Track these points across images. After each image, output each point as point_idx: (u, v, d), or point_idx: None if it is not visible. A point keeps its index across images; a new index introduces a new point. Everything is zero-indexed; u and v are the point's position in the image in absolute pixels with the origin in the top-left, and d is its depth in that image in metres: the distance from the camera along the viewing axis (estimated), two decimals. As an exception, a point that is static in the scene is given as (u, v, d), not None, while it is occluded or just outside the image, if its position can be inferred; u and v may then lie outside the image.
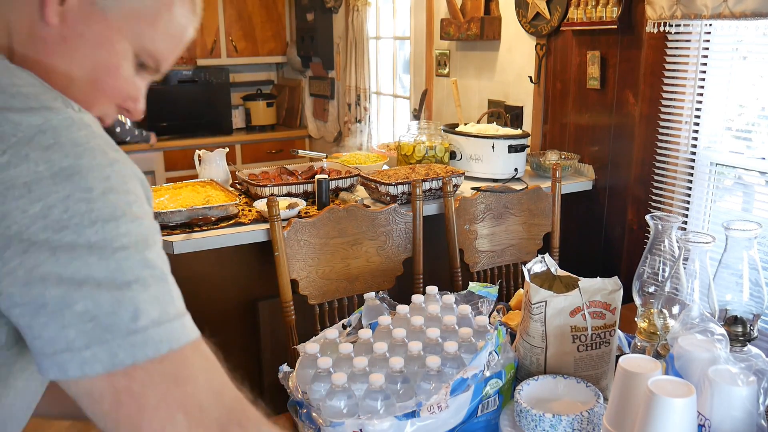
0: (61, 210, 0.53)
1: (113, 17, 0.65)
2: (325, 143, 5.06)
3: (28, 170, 0.52)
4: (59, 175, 0.53)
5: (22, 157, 0.53)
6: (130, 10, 0.66)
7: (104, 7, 0.65)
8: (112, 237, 0.54)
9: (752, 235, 1.09)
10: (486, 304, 1.32)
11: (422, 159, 2.61)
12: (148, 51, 0.69)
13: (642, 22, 2.35)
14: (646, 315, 1.21)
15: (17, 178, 0.52)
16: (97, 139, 0.57)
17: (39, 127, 0.54)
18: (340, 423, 0.98)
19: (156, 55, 0.71)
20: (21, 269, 0.52)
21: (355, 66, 4.52)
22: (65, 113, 0.56)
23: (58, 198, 0.53)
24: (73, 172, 0.54)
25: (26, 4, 0.63)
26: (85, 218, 0.53)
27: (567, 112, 2.80)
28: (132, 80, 0.70)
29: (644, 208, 2.48)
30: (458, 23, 3.29)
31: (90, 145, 0.56)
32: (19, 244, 0.52)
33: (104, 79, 0.68)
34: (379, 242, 2.03)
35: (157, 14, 0.68)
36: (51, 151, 0.54)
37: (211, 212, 2.04)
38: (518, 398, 1.03)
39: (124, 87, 0.70)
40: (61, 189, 0.53)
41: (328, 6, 4.72)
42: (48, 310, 0.53)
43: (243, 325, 2.22)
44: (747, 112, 2.22)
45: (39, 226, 0.52)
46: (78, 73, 0.66)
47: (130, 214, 0.56)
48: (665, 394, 0.83)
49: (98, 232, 0.54)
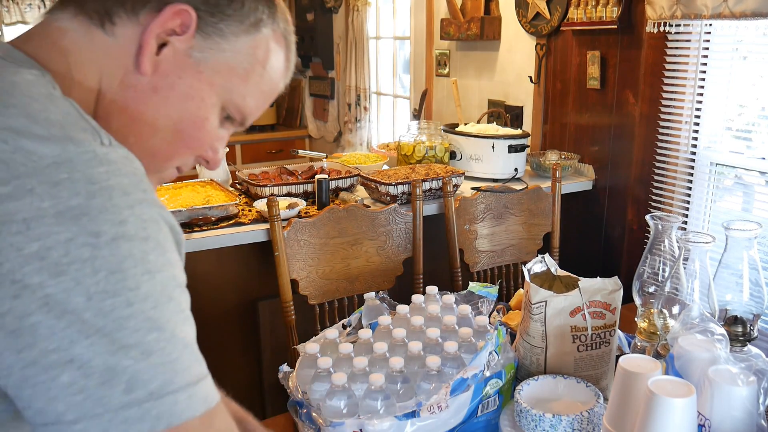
0: (61, 253, 0.47)
1: (206, 70, 0.64)
2: (325, 143, 5.06)
3: (31, 205, 0.47)
4: (65, 215, 0.48)
5: (26, 190, 0.48)
6: (224, 64, 0.65)
7: (199, 60, 0.64)
8: (114, 290, 0.48)
9: (752, 235, 1.09)
10: (486, 304, 1.32)
11: (422, 159, 2.61)
12: (236, 105, 0.68)
13: (642, 22, 2.35)
14: (646, 315, 1.21)
15: (17, 212, 0.47)
16: (119, 178, 0.51)
17: (54, 159, 0.49)
18: (340, 423, 0.98)
19: (243, 111, 0.69)
20: (9, 316, 0.47)
21: (355, 66, 4.52)
22: (88, 146, 0.51)
23: (58, 240, 0.47)
24: (81, 213, 0.48)
25: (122, 51, 0.62)
26: (87, 266, 0.48)
27: (567, 112, 2.80)
28: (215, 132, 0.69)
29: (644, 208, 2.48)
30: (458, 23, 3.29)
31: (108, 184, 0.50)
32: (11, 285, 0.46)
33: (189, 131, 0.66)
34: (379, 242, 2.03)
35: (251, 70, 0.67)
36: (60, 187, 0.48)
37: (211, 212, 2.04)
38: (518, 398, 1.03)
39: (207, 139, 0.68)
40: (64, 230, 0.48)
41: (328, 6, 4.72)
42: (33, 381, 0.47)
43: (243, 325, 2.22)
44: (747, 112, 2.22)
45: (34, 267, 0.47)
46: (164, 123, 0.64)
47: (142, 266, 0.50)
48: (665, 394, 0.83)
49: (99, 283, 0.48)
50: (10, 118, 0.50)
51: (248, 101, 0.69)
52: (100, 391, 0.48)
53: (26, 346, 0.47)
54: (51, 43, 0.62)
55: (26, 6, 5.15)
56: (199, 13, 0.63)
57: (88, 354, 0.47)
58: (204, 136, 0.68)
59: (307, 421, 1.05)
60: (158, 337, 0.50)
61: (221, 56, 0.65)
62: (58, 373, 0.47)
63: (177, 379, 0.51)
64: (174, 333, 0.51)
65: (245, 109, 0.69)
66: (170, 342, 0.51)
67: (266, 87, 0.70)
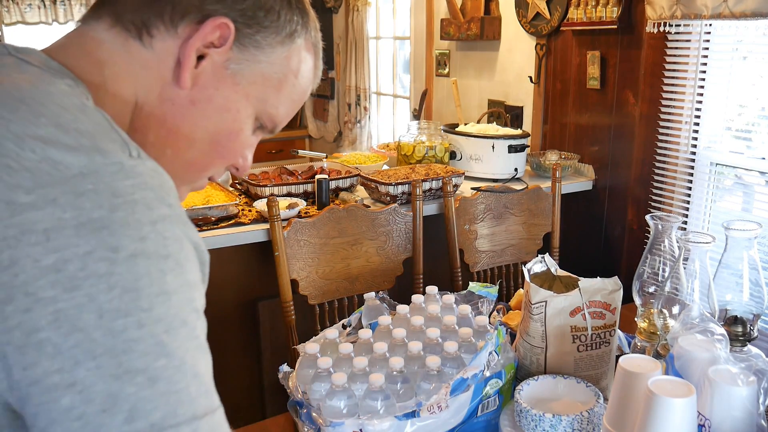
0: (78, 267, 0.46)
1: (242, 82, 0.65)
2: (325, 143, 5.06)
3: (52, 216, 0.46)
4: (86, 227, 0.46)
5: (49, 200, 0.46)
6: (259, 75, 0.65)
7: (235, 72, 0.64)
8: (127, 310, 0.47)
9: (752, 235, 1.09)
10: (486, 304, 1.32)
11: (422, 159, 2.61)
12: (269, 115, 0.69)
13: (642, 22, 2.35)
14: (646, 315, 1.21)
15: (38, 222, 0.46)
16: (144, 192, 0.50)
17: (80, 169, 0.48)
18: (340, 423, 0.98)
19: (275, 119, 0.70)
20: (18, 331, 0.45)
21: (355, 66, 4.52)
22: (115, 158, 0.50)
23: (76, 252, 0.46)
24: (102, 226, 0.47)
25: (160, 63, 0.62)
26: (102, 281, 0.46)
27: (567, 112, 2.80)
28: (248, 141, 0.70)
29: (644, 208, 2.48)
30: (458, 23, 3.29)
31: (132, 198, 0.49)
32: (23, 298, 0.45)
33: (224, 142, 0.66)
34: (379, 242, 2.03)
35: (284, 80, 0.67)
36: (84, 198, 0.47)
37: (211, 212, 2.04)
38: (518, 398, 1.03)
39: (241, 148, 0.69)
40: (83, 243, 0.46)
41: (328, 6, 4.72)
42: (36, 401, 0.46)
43: (243, 325, 2.22)
44: (747, 112, 2.22)
45: (49, 280, 0.45)
46: (201, 136, 0.64)
47: (158, 286, 0.48)
48: (665, 394, 0.83)
49: (112, 301, 0.46)
50: (40, 127, 0.49)
51: (280, 110, 0.69)
52: (100, 418, 0.46)
53: (31, 363, 0.46)
54: (86, 54, 0.61)
55: (26, 6, 5.15)
56: (237, 25, 0.63)
57: (90, 378, 0.46)
58: (238, 146, 0.68)
59: (307, 421, 1.05)
60: (166, 363, 0.48)
61: (257, 67, 0.65)
62: (59, 396, 0.46)
63: (181, 411, 0.48)
64: (183, 360, 0.49)
65: (277, 118, 0.70)
66: (179, 370, 0.49)
67: (297, 96, 0.70)
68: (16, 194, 0.46)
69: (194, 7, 0.61)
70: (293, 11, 0.67)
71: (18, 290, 0.45)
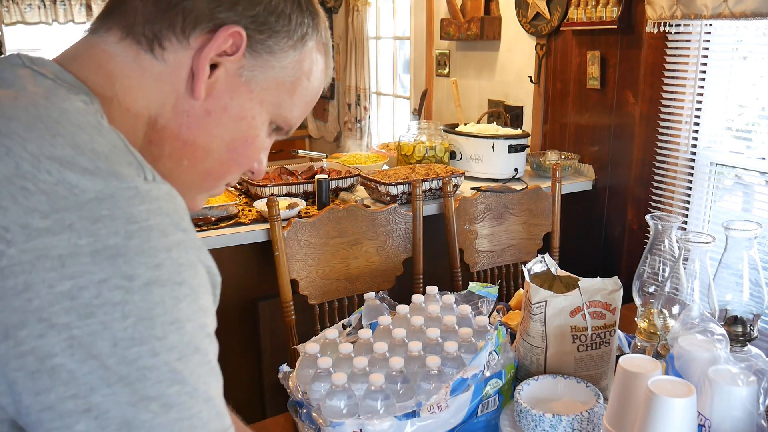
0: (93, 294, 0.46)
1: (257, 89, 0.64)
2: (325, 143, 5.06)
3: (68, 242, 0.46)
4: (101, 254, 0.47)
5: (65, 225, 0.46)
6: (273, 80, 0.65)
7: (249, 79, 0.64)
8: (141, 338, 0.47)
9: (752, 235, 1.09)
10: (486, 304, 1.32)
11: (422, 159, 2.61)
12: (284, 118, 0.69)
13: (642, 22, 2.35)
14: (646, 315, 1.21)
15: (53, 248, 0.46)
16: (159, 217, 0.50)
17: (96, 194, 0.48)
18: (340, 423, 0.98)
19: (290, 122, 0.70)
20: (31, 356, 0.45)
21: (355, 66, 4.52)
22: (131, 182, 0.50)
23: (92, 280, 0.46)
24: (118, 254, 0.47)
25: (173, 75, 0.61)
26: (117, 310, 0.46)
27: (567, 112, 2.80)
28: (264, 145, 0.70)
29: (644, 208, 2.48)
30: (458, 23, 3.29)
31: (148, 224, 0.49)
32: (37, 323, 0.45)
33: (241, 150, 0.66)
34: (379, 242, 2.03)
35: (297, 83, 0.67)
36: (100, 224, 0.47)
37: (211, 212, 2.04)
38: (518, 398, 1.03)
39: (256, 153, 0.69)
40: (98, 270, 0.46)
41: (328, 6, 4.72)
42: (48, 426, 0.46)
43: (243, 325, 2.22)
44: (747, 112, 2.22)
45: (63, 307, 0.45)
46: (217, 145, 0.64)
47: (172, 314, 0.49)
48: (665, 394, 0.83)
49: (127, 329, 0.46)
50: (56, 147, 0.49)
51: (294, 112, 0.69)
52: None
53: (44, 389, 0.45)
54: (98, 66, 0.61)
55: (26, 6, 5.16)
56: (249, 32, 0.62)
57: (106, 404, 0.46)
58: (254, 152, 0.68)
59: (307, 421, 1.05)
60: (180, 390, 0.49)
61: (270, 73, 0.65)
62: (74, 422, 0.46)
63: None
64: (196, 387, 0.50)
65: (292, 121, 0.70)
66: (192, 396, 0.49)
67: (310, 97, 0.70)
68: (32, 218, 0.46)
69: (205, 16, 0.61)
70: (304, 14, 0.67)
71: (32, 315, 0.45)
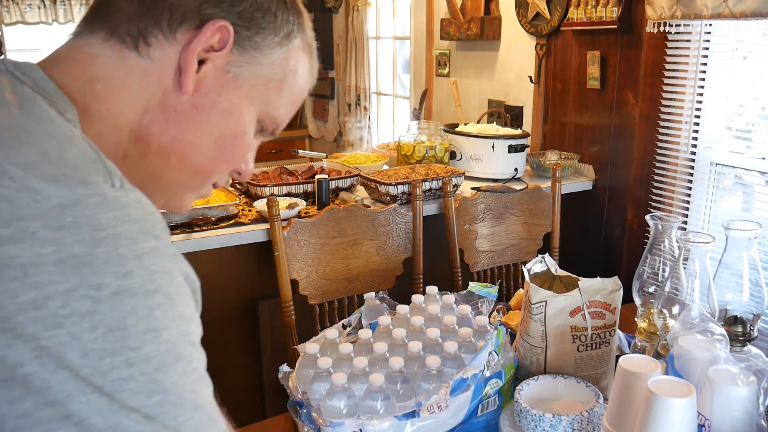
0: (59, 305, 0.44)
1: (244, 85, 0.65)
2: (325, 143, 5.06)
3: (31, 250, 0.44)
4: (66, 263, 0.45)
5: (28, 233, 0.45)
6: (260, 77, 0.66)
7: (237, 75, 0.64)
8: (113, 349, 0.45)
9: (752, 235, 1.09)
10: (486, 304, 1.32)
11: (422, 159, 2.61)
12: (271, 117, 0.69)
13: (642, 22, 2.35)
14: (646, 315, 1.21)
15: (15, 257, 0.44)
16: (128, 225, 0.48)
17: (60, 200, 0.46)
18: (340, 423, 0.98)
19: (277, 120, 0.70)
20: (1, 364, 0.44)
21: (355, 66, 4.52)
22: (98, 189, 0.48)
23: (57, 290, 0.44)
24: (84, 262, 0.45)
25: (160, 71, 0.61)
26: (85, 321, 0.44)
27: (567, 112, 2.80)
28: (251, 144, 0.70)
29: (644, 208, 2.48)
30: (458, 23, 3.29)
31: (115, 231, 0.47)
32: (2, 333, 0.43)
33: (230, 146, 0.66)
34: (379, 242, 2.03)
35: (284, 81, 0.68)
36: (64, 232, 0.45)
37: (211, 212, 2.04)
38: (518, 398, 1.03)
39: (245, 152, 0.69)
40: (63, 280, 0.44)
41: (328, 6, 4.72)
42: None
43: (243, 325, 2.22)
44: (747, 112, 2.22)
45: (29, 317, 0.44)
46: (205, 141, 0.64)
47: (146, 323, 0.47)
48: (665, 394, 0.83)
49: (97, 340, 0.44)
50: (22, 154, 0.48)
51: (282, 111, 0.69)
52: None
53: (18, 397, 0.44)
54: (80, 70, 0.61)
55: (26, 6, 5.16)
56: (236, 28, 0.63)
57: (87, 411, 0.44)
58: (242, 149, 0.68)
59: (307, 421, 1.05)
60: (162, 400, 0.47)
61: (257, 69, 0.65)
62: (55, 428, 0.44)
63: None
64: (181, 395, 0.48)
65: (279, 119, 0.70)
66: (176, 405, 0.47)
67: (296, 96, 0.71)
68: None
69: (192, 12, 0.61)
70: (289, 12, 0.68)
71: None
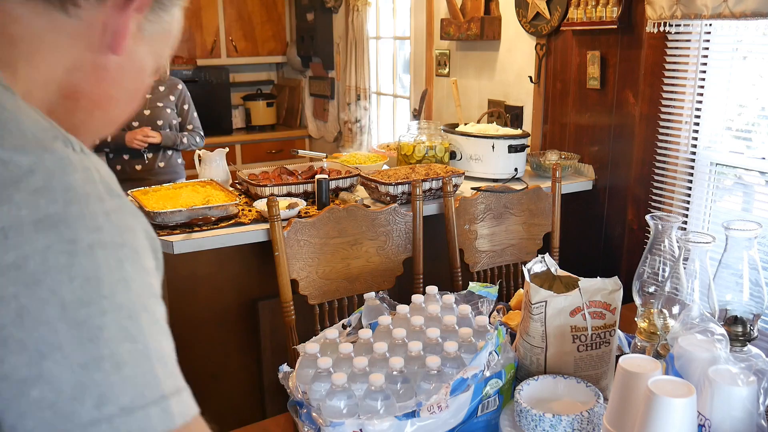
0: (38, 262, 0.47)
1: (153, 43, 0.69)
2: (325, 143, 5.06)
3: (9, 214, 0.47)
4: (43, 222, 0.48)
5: (4, 198, 0.47)
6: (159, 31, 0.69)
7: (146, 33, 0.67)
8: (89, 299, 0.48)
9: (752, 235, 1.09)
10: (486, 304, 1.32)
11: (422, 159, 2.61)
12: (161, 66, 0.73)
13: (642, 22, 2.35)
14: (646, 315, 1.21)
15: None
16: (94, 185, 0.52)
17: (29, 167, 0.49)
18: (340, 423, 0.98)
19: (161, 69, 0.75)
20: None
21: (355, 66, 4.52)
22: (62, 154, 0.51)
23: (36, 248, 0.47)
24: (59, 221, 0.48)
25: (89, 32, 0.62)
26: (64, 274, 0.47)
27: (567, 112, 2.80)
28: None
29: (644, 208, 2.48)
30: (458, 23, 3.29)
31: (84, 191, 0.50)
32: None
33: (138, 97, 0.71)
34: (379, 242, 2.03)
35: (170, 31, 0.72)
36: (38, 195, 0.48)
37: (211, 212, 2.04)
38: (518, 398, 1.03)
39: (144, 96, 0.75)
40: (42, 238, 0.47)
41: (328, 6, 4.72)
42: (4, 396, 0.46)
43: (243, 325, 2.22)
44: (747, 112, 2.22)
45: (10, 278, 0.46)
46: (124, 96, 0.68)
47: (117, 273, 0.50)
48: (665, 394, 0.83)
49: (75, 291, 0.47)
50: None
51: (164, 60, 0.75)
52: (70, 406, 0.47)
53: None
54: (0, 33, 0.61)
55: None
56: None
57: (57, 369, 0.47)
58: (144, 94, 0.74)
59: (307, 421, 1.05)
60: (131, 348, 0.49)
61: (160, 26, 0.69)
62: (28, 388, 0.46)
63: (149, 392, 0.50)
64: (147, 344, 0.51)
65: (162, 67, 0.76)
66: (143, 354, 0.50)
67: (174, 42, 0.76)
68: None
69: None
70: None
71: None
